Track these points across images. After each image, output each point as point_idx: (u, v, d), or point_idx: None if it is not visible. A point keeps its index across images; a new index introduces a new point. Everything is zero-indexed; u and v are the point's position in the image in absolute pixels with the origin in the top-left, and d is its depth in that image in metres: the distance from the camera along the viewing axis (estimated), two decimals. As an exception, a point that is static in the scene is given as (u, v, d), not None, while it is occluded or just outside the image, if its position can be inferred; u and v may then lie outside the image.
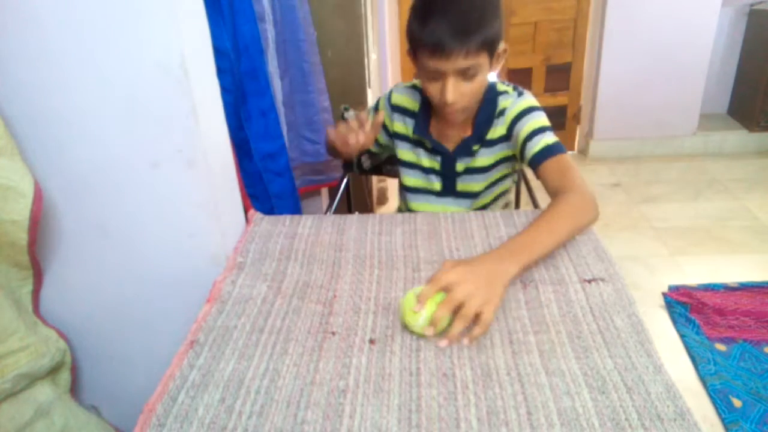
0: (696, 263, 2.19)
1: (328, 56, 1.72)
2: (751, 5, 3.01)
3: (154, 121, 0.84)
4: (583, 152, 3.25)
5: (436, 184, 1.23)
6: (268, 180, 1.34)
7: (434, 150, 1.20)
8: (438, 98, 1.04)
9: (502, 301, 0.75)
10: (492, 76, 1.13)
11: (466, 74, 1.00)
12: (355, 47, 1.78)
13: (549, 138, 1.08)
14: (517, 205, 1.60)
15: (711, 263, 2.19)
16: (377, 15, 2.17)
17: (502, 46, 1.04)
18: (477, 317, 0.71)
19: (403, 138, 1.23)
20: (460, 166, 1.19)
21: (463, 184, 1.22)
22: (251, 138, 1.28)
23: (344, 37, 1.76)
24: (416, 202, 1.27)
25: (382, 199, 2.36)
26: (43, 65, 0.80)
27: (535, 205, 1.38)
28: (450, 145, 1.18)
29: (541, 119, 1.10)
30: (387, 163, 1.52)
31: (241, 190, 1.05)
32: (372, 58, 1.97)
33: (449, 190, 1.23)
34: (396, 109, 1.22)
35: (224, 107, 0.96)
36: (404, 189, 1.28)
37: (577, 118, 3.26)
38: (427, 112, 1.18)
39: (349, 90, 1.78)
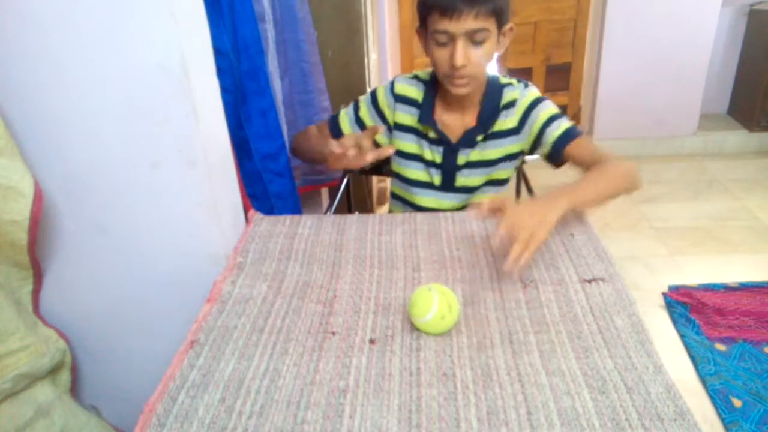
0: (696, 263, 2.19)
1: (328, 56, 1.71)
2: (751, 5, 3.01)
3: (154, 121, 0.84)
4: (583, 152, 3.25)
5: (436, 178, 1.23)
6: (268, 180, 1.34)
7: (436, 141, 1.19)
8: (446, 65, 1.05)
9: (553, 227, 0.86)
10: (493, 67, 1.15)
11: (474, 39, 1.02)
12: (355, 47, 1.78)
13: (567, 122, 1.13)
14: (517, 205, 1.59)
15: (711, 263, 2.18)
16: (377, 15, 2.17)
17: (509, 24, 1.07)
18: (532, 238, 0.81)
19: (406, 129, 1.22)
20: (461, 158, 1.20)
21: (462, 179, 1.22)
22: (251, 138, 1.28)
23: (344, 37, 1.75)
24: (417, 195, 1.27)
25: (382, 199, 2.36)
26: (43, 66, 0.80)
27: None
28: (453, 137, 1.18)
29: (553, 107, 1.15)
30: (387, 163, 1.52)
31: (241, 190, 1.05)
32: (372, 58, 1.97)
33: (448, 184, 1.23)
34: (399, 99, 1.21)
35: (224, 107, 0.96)
36: (404, 181, 1.28)
37: (577, 118, 3.26)
38: (431, 101, 1.18)
39: (349, 90, 1.78)
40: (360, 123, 1.24)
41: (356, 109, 1.25)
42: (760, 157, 3.07)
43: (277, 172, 1.36)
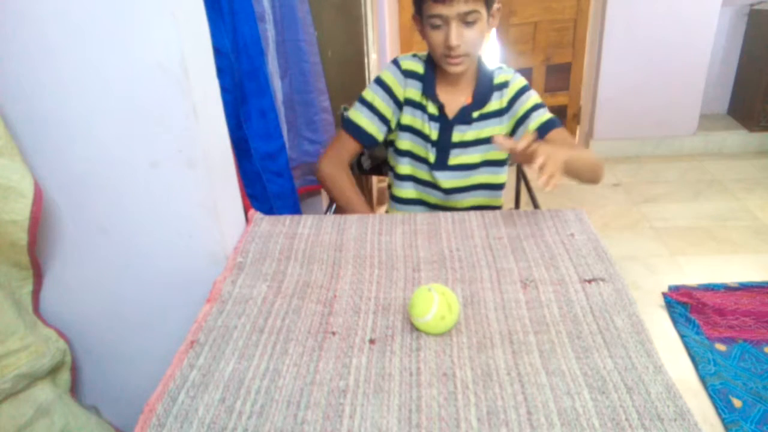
0: (696, 263, 2.19)
1: (328, 56, 1.72)
2: (751, 5, 3.01)
3: (154, 121, 0.84)
4: (583, 152, 3.25)
5: (431, 155, 1.25)
6: (268, 180, 1.34)
7: (435, 117, 1.23)
8: (442, 46, 1.11)
9: (563, 162, 0.95)
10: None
11: (466, 20, 1.08)
12: (355, 47, 1.78)
13: (549, 113, 1.21)
14: (517, 205, 1.60)
15: (711, 263, 2.18)
16: (377, 15, 2.17)
17: (497, 5, 1.14)
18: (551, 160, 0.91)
19: (412, 103, 1.25)
20: (456, 136, 1.23)
21: (455, 158, 1.24)
22: (251, 138, 1.28)
23: (344, 37, 1.76)
24: (410, 166, 1.28)
25: (382, 199, 2.36)
26: (43, 65, 0.80)
27: (535, 205, 1.38)
28: (450, 113, 1.22)
29: (537, 97, 1.23)
30: (387, 163, 1.52)
31: (241, 190, 1.05)
32: (372, 58, 1.97)
33: (441, 162, 1.25)
34: (408, 74, 1.24)
35: (224, 107, 0.96)
36: (402, 154, 1.29)
37: (577, 118, 3.26)
38: (432, 76, 1.22)
39: (349, 90, 1.78)
40: (376, 112, 1.24)
41: (365, 102, 1.25)
42: (760, 157, 3.07)
43: (277, 172, 1.36)
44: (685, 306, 1.92)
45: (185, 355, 0.73)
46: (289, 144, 1.48)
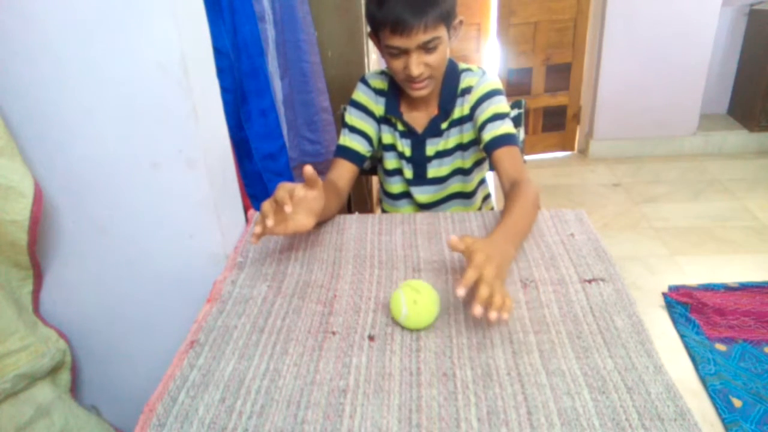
0: (696, 263, 2.19)
1: (328, 56, 1.72)
2: (751, 5, 3.01)
3: (154, 121, 0.84)
4: (583, 152, 3.25)
5: (407, 171, 1.24)
6: (268, 180, 1.34)
7: (405, 134, 1.20)
8: (403, 74, 1.06)
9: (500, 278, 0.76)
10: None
11: (427, 47, 1.02)
12: (355, 47, 1.78)
13: (508, 126, 1.11)
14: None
15: (711, 263, 2.18)
16: (377, 15, 2.17)
17: (457, 18, 1.07)
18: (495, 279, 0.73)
19: (384, 121, 1.22)
20: (430, 149, 1.20)
21: (433, 170, 1.22)
22: (251, 138, 1.28)
23: (344, 37, 1.76)
24: (396, 185, 1.28)
25: (382, 199, 2.35)
26: (43, 65, 0.80)
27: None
28: (419, 127, 1.19)
29: (502, 105, 1.13)
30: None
31: (241, 190, 1.05)
32: (372, 58, 1.97)
33: (419, 177, 1.23)
34: (377, 92, 1.20)
35: (224, 107, 0.96)
36: (386, 173, 1.28)
37: (577, 118, 3.25)
38: (396, 93, 1.19)
39: (349, 90, 1.78)
40: (360, 132, 1.19)
41: (347, 125, 1.20)
42: (760, 157, 3.07)
43: (277, 172, 1.36)
44: (685, 306, 1.92)
45: (185, 355, 0.73)
46: (289, 144, 1.48)
